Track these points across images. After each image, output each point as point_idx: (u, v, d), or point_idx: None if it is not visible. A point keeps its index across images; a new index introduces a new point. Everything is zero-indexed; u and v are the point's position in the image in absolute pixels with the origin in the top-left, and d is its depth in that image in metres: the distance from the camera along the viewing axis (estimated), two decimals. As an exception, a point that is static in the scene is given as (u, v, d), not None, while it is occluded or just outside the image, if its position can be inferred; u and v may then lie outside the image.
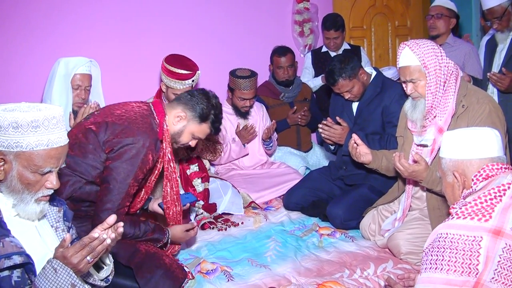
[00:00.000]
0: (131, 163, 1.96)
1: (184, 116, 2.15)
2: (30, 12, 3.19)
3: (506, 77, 2.80)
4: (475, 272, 1.30)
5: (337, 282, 2.17)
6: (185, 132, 2.18)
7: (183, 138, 2.19)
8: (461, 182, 1.52)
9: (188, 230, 2.30)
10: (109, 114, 2.06)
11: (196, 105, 2.16)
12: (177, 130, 2.17)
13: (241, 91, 3.31)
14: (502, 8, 2.89)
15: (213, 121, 2.20)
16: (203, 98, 2.18)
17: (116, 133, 1.98)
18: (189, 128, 2.17)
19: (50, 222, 1.52)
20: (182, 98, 2.20)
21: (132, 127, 2.00)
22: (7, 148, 1.33)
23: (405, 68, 2.23)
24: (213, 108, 2.19)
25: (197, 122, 2.17)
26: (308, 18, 4.34)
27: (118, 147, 1.96)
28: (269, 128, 3.44)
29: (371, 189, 2.84)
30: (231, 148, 3.39)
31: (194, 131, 2.19)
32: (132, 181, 1.97)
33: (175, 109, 2.17)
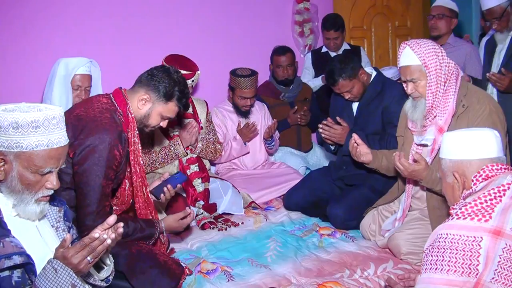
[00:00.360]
0: (98, 163, 1.89)
1: (148, 98, 2.06)
2: (30, 13, 3.19)
3: (505, 77, 2.80)
4: (475, 272, 1.30)
5: (337, 282, 2.17)
6: (153, 114, 2.10)
7: (151, 120, 2.12)
8: (461, 183, 1.52)
9: (183, 218, 2.23)
10: (68, 115, 1.96)
11: (158, 84, 2.06)
12: (144, 113, 2.09)
13: (242, 90, 3.32)
14: (501, 9, 2.89)
15: (179, 97, 2.10)
16: (164, 75, 2.07)
17: (76, 135, 1.91)
18: (156, 109, 2.09)
19: (51, 222, 1.53)
20: (143, 80, 2.09)
21: (90, 126, 1.92)
22: (7, 148, 1.33)
23: (405, 68, 2.23)
24: (176, 84, 2.09)
25: (163, 102, 2.07)
26: (308, 18, 4.34)
27: (80, 149, 1.89)
28: (270, 127, 3.44)
29: (371, 189, 2.84)
30: (232, 147, 3.39)
31: (161, 112, 2.10)
32: (104, 181, 1.92)
33: (138, 92, 2.08)
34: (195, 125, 2.96)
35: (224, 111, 3.52)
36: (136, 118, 2.09)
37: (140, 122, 2.11)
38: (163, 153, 2.98)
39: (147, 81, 2.09)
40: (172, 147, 2.97)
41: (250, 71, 3.34)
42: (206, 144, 3.16)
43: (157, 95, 2.07)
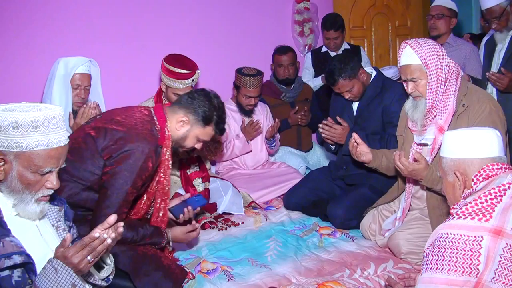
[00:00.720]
0: (130, 170, 1.93)
1: (187, 120, 2.11)
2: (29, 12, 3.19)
3: (505, 77, 2.80)
4: (476, 272, 1.30)
5: (337, 282, 2.17)
6: (190, 137, 2.14)
7: (188, 142, 2.16)
8: (462, 181, 1.52)
9: (190, 232, 2.27)
10: (109, 120, 2.03)
11: (198, 108, 2.10)
12: (181, 135, 2.13)
13: (247, 88, 3.32)
14: (501, 8, 2.89)
15: (216, 122, 2.16)
16: (205, 100, 2.13)
17: (115, 139, 1.95)
18: (193, 132, 2.13)
19: (51, 222, 1.53)
20: (183, 102, 2.14)
21: (131, 134, 1.97)
22: (7, 148, 1.33)
23: (406, 67, 2.22)
24: (216, 109, 2.15)
25: (201, 125, 2.12)
26: (308, 18, 4.34)
27: (117, 153, 1.93)
28: (273, 126, 3.44)
29: (371, 189, 2.84)
30: (235, 144, 3.40)
31: (198, 135, 2.15)
32: (130, 188, 1.94)
33: (177, 113, 2.12)
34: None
35: (227, 110, 3.50)
36: (173, 138, 2.12)
37: (176, 142, 2.14)
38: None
39: (187, 103, 2.12)
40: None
41: (256, 70, 3.35)
42: (207, 144, 3.15)
43: (196, 118, 2.11)
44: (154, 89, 3.19)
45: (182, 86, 2.84)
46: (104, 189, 1.94)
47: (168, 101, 3.00)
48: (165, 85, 2.91)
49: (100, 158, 1.96)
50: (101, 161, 1.96)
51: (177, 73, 2.81)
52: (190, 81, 2.83)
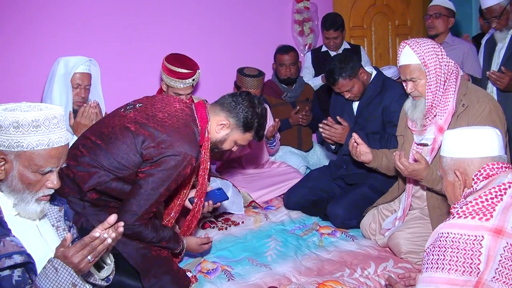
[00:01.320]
0: (168, 174, 1.90)
1: (228, 124, 2.08)
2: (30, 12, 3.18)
3: (505, 76, 2.80)
4: (477, 271, 1.30)
5: (337, 282, 2.17)
6: (228, 140, 2.13)
7: (225, 145, 2.14)
8: (462, 181, 1.52)
9: (204, 244, 2.27)
10: (151, 117, 1.98)
11: (241, 113, 2.07)
12: (220, 138, 2.11)
13: (248, 89, 3.31)
14: (501, 7, 2.89)
15: (257, 130, 2.13)
16: (248, 106, 2.09)
17: (157, 142, 1.91)
18: (232, 136, 2.12)
19: (51, 222, 1.53)
20: (226, 104, 2.10)
21: (174, 137, 1.92)
22: (8, 147, 1.33)
23: (405, 67, 2.22)
24: (258, 116, 2.11)
25: (241, 131, 2.10)
26: (308, 18, 4.33)
27: (158, 157, 1.89)
28: (273, 125, 3.44)
29: (371, 188, 2.84)
30: None
31: (237, 139, 2.13)
32: (164, 190, 1.93)
33: (218, 115, 2.09)
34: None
35: None
36: (211, 139, 2.10)
37: (213, 144, 2.13)
38: None
39: (230, 107, 2.09)
40: None
41: (258, 71, 3.35)
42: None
43: (237, 123, 2.09)
44: (154, 89, 3.19)
45: (183, 85, 2.84)
46: (138, 186, 1.92)
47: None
48: (166, 85, 2.91)
49: (139, 156, 1.92)
50: (139, 159, 1.92)
51: (178, 72, 2.81)
52: (190, 81, 2.83)
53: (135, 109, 2.04)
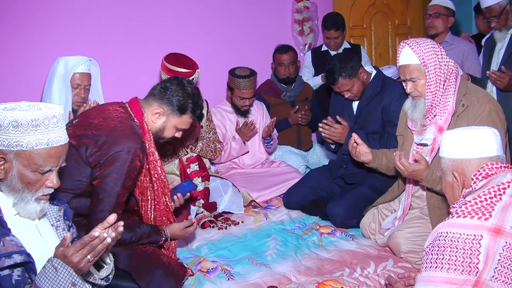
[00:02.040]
0: (119, 172, 1.91)
1: (162, 111, 2.07)
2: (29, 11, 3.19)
3: (505, 75, 2.80)
4: (476, 270, 1.30)
5: (337, 281, 2.18)
6: (168, 127, 2.11)
7: (166, 133, 2.13)
8: (461, 182, 1.52)
9: (187, 227, 2.26)
10: (87, 126, 1.98)
11: (172, 98, 2.06)
12: (159, 127, 2.10)
13: (241, 90, 3.31)
14: (500, 7, 2.89)
15: (193, 110, 2.11)
16: (178, 89, 2.08)
17: (99, 145, 1.91)
18: (170, 122, 2.10)
19: (51, 221, 1.53)
20: (157, 93, 2.10)
21: (114, 136, 1.93)
22: (7, 147, 1.33)
23: (405, 67, 2.22)
24: (190, 97, 2.10)
25: (177, 115, 2.09)
26: (308, 17, 4.33)
27: (104, 159, 1.90)
28: (268, 125, 3.44)
29: (371, 188, 2.84)
30: (231, 146, 3.39)
31: (176, 125, 2.12)
32: (121, 189, 1.93)
33: (152, 106, 2.09)
34: (196, 124, 2.96)
35: (223, 111, 3.52)
36: (152, 130, 2.10)
37: (155, 134, 2.12)
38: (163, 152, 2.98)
39: (160, 94, 2.09)
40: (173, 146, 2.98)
41: (249, 71, 3.34)
42: (206, 143, 3.16)
43: (171, 108, 2.08)
44: (154, 88, 3.19)
45: (182, 85, 2.84)
46: (96, 193, 1.93)
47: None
48: (165, 84, 2.91)
49: (87, 166, 1.93)
50: (87, 169, 1.93)
51: (177, 72, 2.80)
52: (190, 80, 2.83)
53: (73, 125, 2.05)
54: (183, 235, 2.27)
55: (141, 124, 2.05)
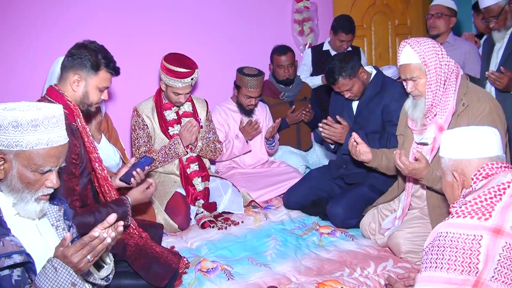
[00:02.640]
0: None
1: (79, 77, 2.04)
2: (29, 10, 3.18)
3: (504, 76, 2.79)
4: (475, 271, 1.30)
5: (337, 281, 2.18)
6: (90, 91, 2.08)
7: (92, 97, 2.09)
8: (460, 182, 1.52)
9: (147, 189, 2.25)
10: None
11: (82, 60, 2.03)
12: (81, 93, 2.07)
13: (248, 89, 3.31)
14: (499, 7, 2.89)
15: (106, 64, 2.08)
16: (83, 50, 2.05)
17: None
18: (90, 84, 2.07)
19: (51, 221, 1.52)
20: (66, 64, 2.06)
21: None
22: (7, 147, 1.33)
23: (405, 66, 2.22)
24: (98, 52, 2.07)
25: (93, 73, 2.05)
26: (308, 17, 4.33)
27: None
28: (273, 126, 3.44)
29: (371, 188, 2.84)
30: (234, 145, 3.39)
31: (97, 84, 2.09)
32: (64, 175, 1.90)
33: (68, 77, 2.05)
34: (195, 124, 2.96)
35: (227, 110, 3.52)
36: (77, 102, 2.07)
37: (82, 104, 2.09)
38: (163, 152, 2.98)
39: (70, 62, 2.06)
40: (172, 146, 2.98)
41: (257, 70, 3.34)
42: (206, 143, 3.16)
43: (86, 70, 2.05)
44: (153, 88, 3.19)
45: (182, 84, 2.84)
46: None
47: (168, 100, 3.01)
48: (165, 84, 2.91)
49: None
50: None
51: (177, 72, 2.81)
52: (189, 80, 2.83)
53: None
54: (144, 197, 2.25)
55: (65, 105, 2.01)
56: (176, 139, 2.98)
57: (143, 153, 2.99)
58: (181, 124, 3.03)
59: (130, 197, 2.18)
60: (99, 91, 2.11)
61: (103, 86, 2.11)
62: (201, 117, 3.15)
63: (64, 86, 2.07)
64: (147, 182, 2.26)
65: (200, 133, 3.11)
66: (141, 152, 2.99)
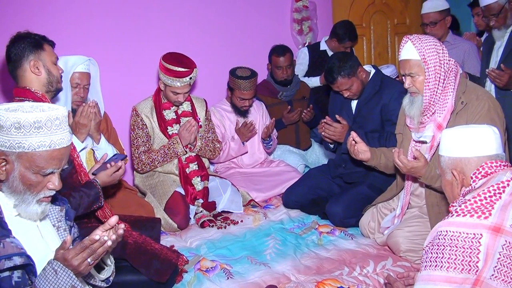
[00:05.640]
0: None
1: (34, 60, 2.06)
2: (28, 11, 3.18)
3: (504, 73, 2.79)
4: (475, 269, 1.30)
5: (336, 280, 2.18)
6: (49, 67, 2.10)
7: (54, 72, 2.11)
8: (459, 180, 1.52)
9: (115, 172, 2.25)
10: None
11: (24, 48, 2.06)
12: (46, 73, 2.09)
13: (241, 91, 3.30)
14: (499, 5, 2.89)
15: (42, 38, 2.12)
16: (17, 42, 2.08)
17: None
18: (46, 61, 2.09)
19: (52, 222, 1.52)
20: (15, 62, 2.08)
21: None
22: (9, 148, 1.32)
23: (405, 62, 2.22)
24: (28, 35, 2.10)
25: (42, 51, 2.08)
26: (307, 16, 4.33)
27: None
28: (268, 127, 3.43)
29: (370, 187, 2.85)
30: (230, 146, 3.38)
31: (50, 59, 2.11)
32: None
33: (24, 66, 2.06)
34: (194, 124, 2.96)
35: (222, 111, 3.52)
36: (45, 86, 2.09)
37: (51, 85, 2.11)
38: (162, 151, 2.98)
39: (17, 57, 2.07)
40: (171, 146, 2.98)
41: (250, 72, 3.33)
42: (205, 143, 3.15)
43: (34, 51, 2.07)
44: (152, 88, 3.19)
45: (180, 84, 2.84)
46: None
47: (167, 99, 3.00)
48: (164, 84, 2.91)
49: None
50: None
51: (175, 71, 2.80)
52: (188, 79, 2.83)
53: None
54: (112, 180, 2.25)
55: (34, 98, 2.03)
56: (175, 139, 2.97)
57: (142, 153, 2.99)
58: (180, 124, 3.03)
59: (100, 180, 2.19)
60: (55, 65, 2.14)
61: (55, 57, 2.14)
62: (200, 116, 3.14)
63: (26, 80, 2.08)
64: (116, 166, 2.26)
65: (199, 133, 3.11)
66: (140, 152, 2.99)
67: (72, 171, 2.13)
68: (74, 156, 2.15)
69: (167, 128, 3.02)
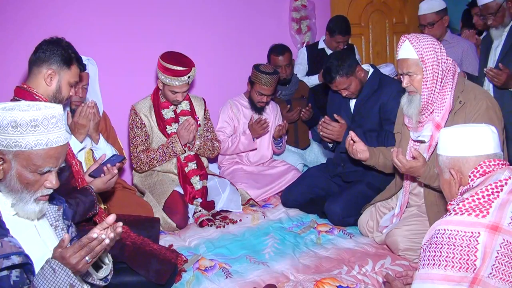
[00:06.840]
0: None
1: (53, 71, 2.05)
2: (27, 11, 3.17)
3: (502, 73, 2.80)
4: (473, 267, 1.31)
5: (335, 279, 2.18)
6: (63, 86, 2.10)
7: (64, 92, 2.11)
8: (457, 180, 1.52)
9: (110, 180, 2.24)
10: None
11: (55, 55, 2.06)
12: (55, 87, 2.08)
13: (262, 86, 3.32)
14: (497, 4, 2.89)
15: (77, 59, 2.13)
16: (53, 46, 2.08)
17: None
18: (63, 79, 2.09)
19: (50, 221, 1.52)
20: (38, 59, 2.06)
21: None
22: (6, 147, 1.32)
23: (403, 61, 2.23)
24: (68, 47, 2.11)
25: (66, 68, 2.08)
26: (306, 16, 4.33)
27: None
28: (282, 125, 3.43)
29: (369, 186, 2.85)
30: (240, 140, 3.39)
31: (69, 79, 2.11)
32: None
33: (41, 72, 2.05)
34: (193, 123, 2.96)
35: (239, 105, 3.53)
36: (49, 97, 2.08)
37: (54, 99, 2.10)
38: (161, 151, 2.98)
39: (42, 58, 2.06)
40: (170, 145, 2.98)
41: (273, 69, 3.36)
42: (204, 142, 3.15)
43: (59, 65, 2.07)
44: (151, 87, 3.19)
45: (179, 83, 2.84)
46: None
47: (165, 98, 3.00)
48: (162, 83, 2.91)
49: None
50: None
51: (173, 70, 2.81)
52: (186, 78, 2.83)
53: None
54: (107, 187, 2.25)
55: (32, 100, 2.00)
56: (174, 138, 2.97)
57: (140, 152, 2.99)
58: (179, 123, 3.03)
59: (94, 186, 2.18)
60: (70, 86, 2.13)
61: (74, 81, 2.14)
62: (199, 115, 3.15)
63: (35, 81, 2.06)
64: (111, 174, 2.25)
65: (198, 132, 3.11)
66: (138, 151, 2.99)
67: (69, 176, 2.13)
68: (72, 163, 2.15)
69: (166, 127, 3.02)
